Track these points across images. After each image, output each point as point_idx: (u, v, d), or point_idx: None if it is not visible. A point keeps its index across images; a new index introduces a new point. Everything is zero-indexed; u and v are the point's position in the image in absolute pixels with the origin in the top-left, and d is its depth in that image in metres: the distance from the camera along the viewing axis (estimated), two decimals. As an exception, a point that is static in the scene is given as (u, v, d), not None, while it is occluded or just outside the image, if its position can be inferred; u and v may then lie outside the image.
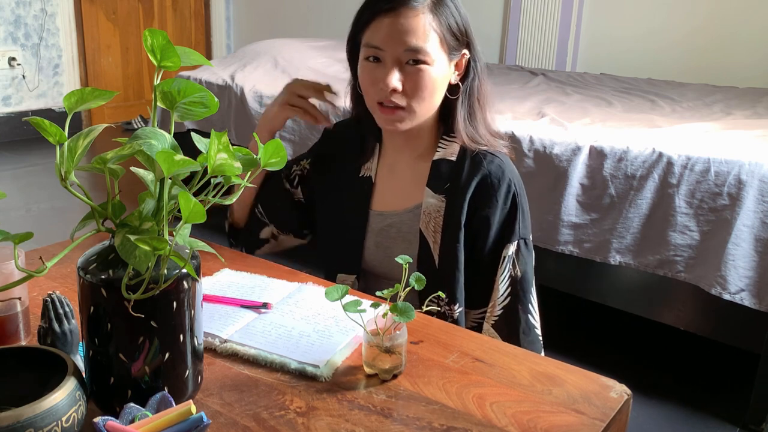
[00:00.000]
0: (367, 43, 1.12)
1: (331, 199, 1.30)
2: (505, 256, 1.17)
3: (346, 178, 1.28)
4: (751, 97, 2.82)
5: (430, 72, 1.11)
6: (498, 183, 1.16)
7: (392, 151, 1.26)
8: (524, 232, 1.18)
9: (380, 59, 1.11)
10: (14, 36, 4.61)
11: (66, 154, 0.68)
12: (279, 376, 0.86)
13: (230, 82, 3.01)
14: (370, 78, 1.13)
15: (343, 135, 1.33)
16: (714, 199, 1.78)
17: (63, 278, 1.13)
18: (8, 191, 3.52)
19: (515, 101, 2.64)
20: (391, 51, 1.10)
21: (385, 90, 1.11)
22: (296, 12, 5.29)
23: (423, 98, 1.12)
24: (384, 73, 1.11)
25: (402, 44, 1.09)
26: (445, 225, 1.18)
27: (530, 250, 1.20)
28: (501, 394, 0.84)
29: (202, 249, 0.73)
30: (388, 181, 1.26)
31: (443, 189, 1.19)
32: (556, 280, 2.14)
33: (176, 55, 0.72)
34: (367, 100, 1.17)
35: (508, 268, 1.17)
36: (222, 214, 1.36)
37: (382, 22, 1.10)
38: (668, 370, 2.13)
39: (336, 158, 1.31)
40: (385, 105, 1.13)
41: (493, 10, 4.23)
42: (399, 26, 1.09)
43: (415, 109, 1.13)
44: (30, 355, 0.74)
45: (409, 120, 1.14)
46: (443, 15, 1.11)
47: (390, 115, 1.13)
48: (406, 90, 1.11)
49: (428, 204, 1.19)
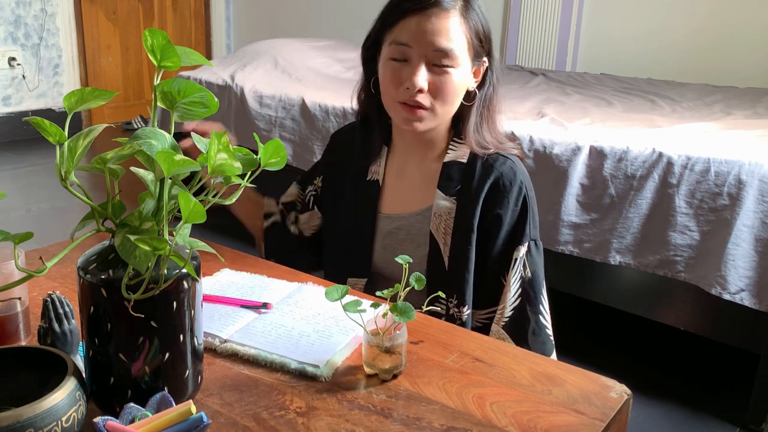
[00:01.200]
0: (394, 41, 1.11)
1: (339, 204, 1.30)
2: (516, 258, 1.16)
3: (354, 182, 1.28)
4: (751, 97, 2.82)
5: (455, 76, 1.11)
6: (510, 185, 1.16)
7: (402, 153, 1.25)
8: (534, 234, 1.18)
9: (407, 59, 1.11)
10: (14, 36, 4.61)
11: (66, 154, 0.68)
12: (279, 376, 0.86)
13: (230, 82, 3.01)
14: (395, 77, 1.12)
15: (345, 141, 1.33)
16: (714, 199, 1.78)
17: (63, 278, 1.13)
18: (8, 191, 3.52)
19: (515, 101, 2.64)
20: (419, 49, 1.09)
21: (411, 89, 1.10)
22: (296, 12, 5.29)
23: (446, 101, 1.12)
24: (410, 72, 1.10)
25: (431, 44, 1.09)
26: (456, 227, 1.17)
27: (540, 252, 1.20)
28: (501, 394, 0.84)
29: (202, 249, 0.73)
30: (397, 183, 1.25)
31: (454, 191, 1.18)
32: (556, 280, 2.13)
33: (176, 55, 0.72)
34: (385, 98, 1.16)
35: (519, 269, 1.16)
36: (225, 215, 1.36)
37: (412, 21, 1.09)
38: (668, 370, 2.13)
39: (342, 165, 1.31)
40: (408, 104, 1.12)
41: (493, 10, 4.23)
42: (429, 25, 1.08)
43: (437, 110, 1.13)
44: (30, 355, 0.74)
45: (429, 121, 1.14)
46: (472, 19, 1.12)
47: (412, 114, 1.12)
48: (431, 91, 1.11)
49: (439, 206, 1.19)
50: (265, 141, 0.76)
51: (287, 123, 2.77)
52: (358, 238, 1.26)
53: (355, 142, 1.29)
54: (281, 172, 0.87)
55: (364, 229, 1.25)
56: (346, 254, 1.29)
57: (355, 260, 1.27)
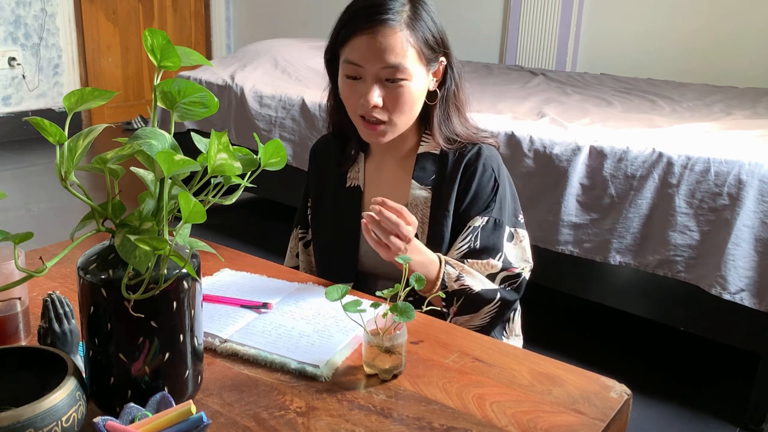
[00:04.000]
0: (346, 60, 1.14)
1: (323, 213, 1.33)
2: (470, 225, 1.19)
3: (334, 190, 1.30)
4: (751, 97, 2.82)
5: (409, 87, 1.13)
6: (475, 165, 1.20)
7: (378, 155, 1.29)
8: (498, 214, 1.20)
9: (360, 77, 1.13)
10: (14, 36, 4.61)
11: (66, 154, 0.68)
12: (279, 376, 0.87)
13: (230, 82, 3.01)
14: (352, 93, 1.15)
15: (324, 153, 1.35)
16: (714, 199, 1.78)
17: (63, 278, 1.13)
18: (8, 191, 3.51)
19: (515, 101, 2.64)
20: (370, 68, 1.12)
21: (365, 105, 1.13)
22: (296, 12, 5.29)
23: (403, 112, 1.15)
24: (364, 90, 1.13)
25: (380, 62, 1.11)
26: (432, 214, 1.21)
27: (499, 233, 1.20)
28: (501, 394, 0.84)
29: (202, 249, 0.73)
30: (377, 184, 1.28)
31: (429, 181, 1.22)
32: (556, 280, 2.14)
33: (176, 55, 0.72)
34: (350, 113, 1.20)
35: (469, 238, 1.18)
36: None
37: (361, 40, 1.11)
38: (668, 370, 2.13)
39: (324, 175, 1.33)
40: (367, 119, 1.15)
41: (493, 10, 4.23)
42: (377, 44, 1.10)
43: (396, 122, 1.16)
44: (30, 355, 0.74)
45: (391, 133, 1.18)
46: (419, 30, 1.13)
47: (372, 130, 1.16)
48: (387, 105, 1.14)
49: (415, 196, 1.22)
50: (265, 141, 0.76)
51: (287, 123, 2.77)
52: (344, 244, 1.28)
53: (332, 152, 1.32)
54: (281, 172, 0.87)
55: (348, 234, 1.27)
56: (332, 261, 1.31)
57: (340, 265, 1.29)
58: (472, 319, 1.17)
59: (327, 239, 1.32)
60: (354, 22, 1.12)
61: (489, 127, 2.05)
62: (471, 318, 1.17)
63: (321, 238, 1.33)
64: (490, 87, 3.00)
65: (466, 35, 4.27)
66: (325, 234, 1.32)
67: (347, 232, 1.27)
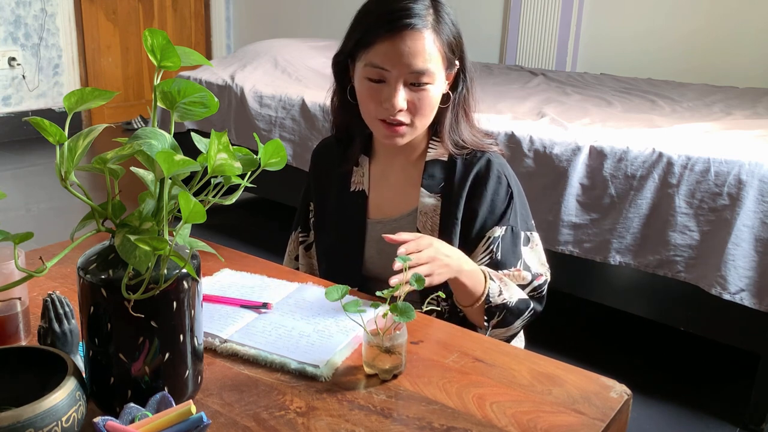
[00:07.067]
0: (370, 63, 1.12)
1: (326, 217, 1.32)
2: (490, 237, 1.18)
3: (338, 194, 1.29)
4: (751, 97, 2.82)
5: (433, 91, 1.13)
6: (488, 177, 1.19)
7: (383, 159, 1.27)
8: (514, 221, 1.20)
9: (384, 80, 1.12)
10: (14, 36, 4.61)
11: (66, 154, 0.68)
12: (279, 376, 0.86)
13: (230, 82, 3.01)
14: (373, 96, 1.14)
15: (326, 156, 1.34)
16: (714, 199, 1.78)
17: (63, 278, 1.13)
18: (8, 191, 3.51)
19: (515, 101, 2.64)
20: (396, 72, 1.10)
21: (390, 110, 1.12)
22: (296, 12, 5.29)
23: (425, 115, 1.15)
24: (389, 93, 1.11)
25: (407, 66, 1.10)
26: (442, 222, 1.20)
27: (516, 241, 1.19)
28: (501, 394, 0.84)
29: (202, 249, 0.73)
30: (382, 189, 1.27)
31: (438, 188, 1.21)
32: (556, 280, 2.13)
33: (176, 55, 0.72)
34: (365, 115, 1.18)
35: (490, 249, 1.18)
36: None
37: (386, 45, 1.10)
38: (668, 370, 2.13)
39: (327, 179, 1.32)
40: (388, 122, 1.14)
41: (493, 10, 4.23)
42: (405, 48, 1.09)
43: (417, 124, 1.15)
44: (30, 355, 0.74)
45: (410, 135, 1.17)
46: (444, 32, 1.13)
47: (393, 132, 1.15)
48: (410, 108, 1.13)
49: (424, 204, 1.21)
50: (265, 141, 0.76)
51: (287, 123, 2.77)
52: (348, 248, 1.28)
53: (335, 155, 1.31)
54: (281, 172, 0.87)
55: (352, 238, 1.27)
56: (336, 265, 1.31)
57: (345, 270, 1.28)
58: (507, 330, 1.17)
59: (331, 243, 1.31)
60: (378, 26, 1.11)
61: (489, 127, 2.05)
62: (507, 330, 1.17)
63: (324, 243, 1.33)
64: (490, 87, 3.00)
65: (466, 35, 4.24)
66: (328, 238, 1.31)
67: (352, 236, 1.27)
